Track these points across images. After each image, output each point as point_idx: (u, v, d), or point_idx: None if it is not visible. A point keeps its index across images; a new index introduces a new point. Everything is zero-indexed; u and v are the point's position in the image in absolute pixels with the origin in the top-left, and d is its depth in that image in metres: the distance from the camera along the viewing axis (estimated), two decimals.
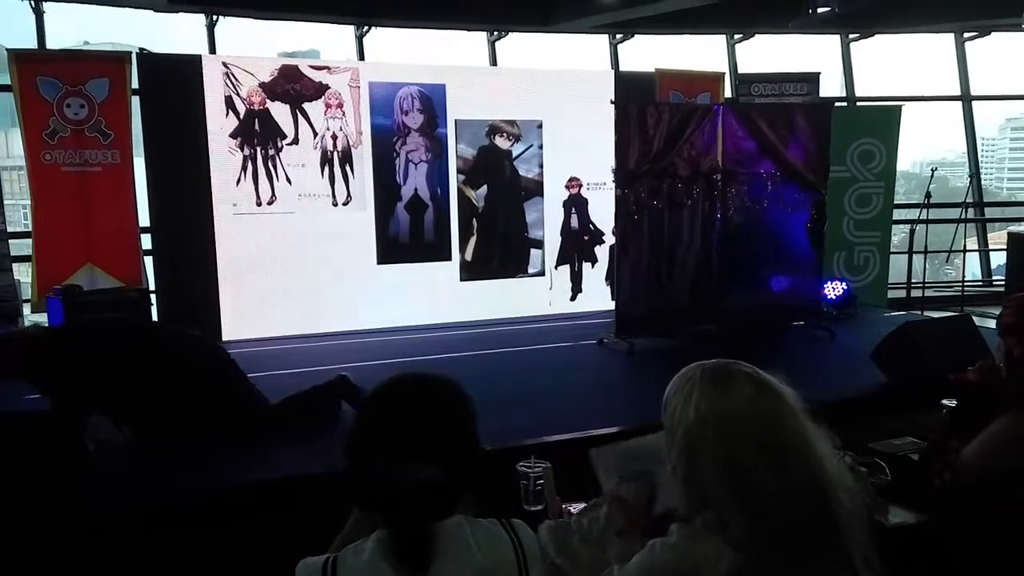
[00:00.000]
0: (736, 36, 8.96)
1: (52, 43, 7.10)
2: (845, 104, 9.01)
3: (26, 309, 6.39)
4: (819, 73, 8.23)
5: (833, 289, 6.94)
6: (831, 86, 9.27)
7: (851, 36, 9.11)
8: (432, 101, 7.29)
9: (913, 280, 8.32)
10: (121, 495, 3.23)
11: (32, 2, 6.93)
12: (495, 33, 8.40)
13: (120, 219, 6.38)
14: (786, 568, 1.22)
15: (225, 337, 6.46)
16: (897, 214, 8.45)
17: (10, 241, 6.28)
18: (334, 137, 7.00)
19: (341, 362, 5.64)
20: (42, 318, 6.19)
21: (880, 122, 7.98)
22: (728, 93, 8.34)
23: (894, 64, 11.37)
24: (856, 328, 6.39)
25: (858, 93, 9.27)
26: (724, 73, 8.47)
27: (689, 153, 6.00)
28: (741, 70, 8.84)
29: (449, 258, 7.40)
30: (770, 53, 10.00)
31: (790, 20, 7.78)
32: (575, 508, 1.98)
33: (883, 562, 1.40)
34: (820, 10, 7.11)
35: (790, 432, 1.28)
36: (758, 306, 6.15)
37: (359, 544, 1.29)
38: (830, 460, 1.29)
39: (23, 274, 6.48)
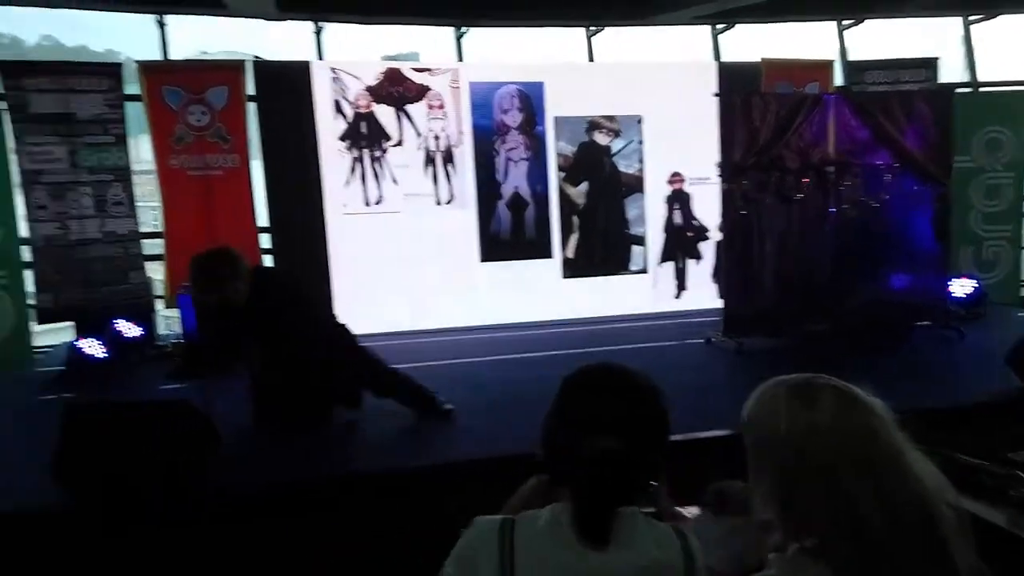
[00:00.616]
0: (846, 22, 8.56)
1: (173, 53, 7.50)
2: (968, 90, 8.48)
3: (159, 305, 6.82)
4: (937, 58, 7.80)
5: (961, 287, 6.50)
6: (949, 72, 8.75)
7: (973, 17, 8.56)
8: (531, 99, 7.34)
9: None
10: (246, 481, 3.40)
11: (156, 16, 7.35)
12: (592, 28, 8.34)
13: (240, 220, 6.71)
14: None
15: None
16: None
17: (141, 241, 6.68)
18: (436, 137, 7.15)
19: (445, 358, 5.77)
20: (173, 314, 6.60)
21: (1009, 108, 7.48)
22: (838, 81, 7.99)
23: (1021, 46, 10.56)
24: (987, 328, 6.02)
25: (981, 78, 8.70)
26: (833, 61, 8.13)
27: (798, 145, 5.79)
28: (851, 57, 8.45)
29: (550, 255, 7.43)
30: (882, 38, 9.49)
31: (907, 2, 7.38)
32: (687, 511, 1.95)
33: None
34: None
35: (884, 445, 1.23)
36: (877, 304, 5.86)
37: (534, 512, 1.37)
38: (926, 471, 1.23)
39: (156, 272, 6.92)
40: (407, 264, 7.02)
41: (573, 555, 1.30)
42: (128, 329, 6.03)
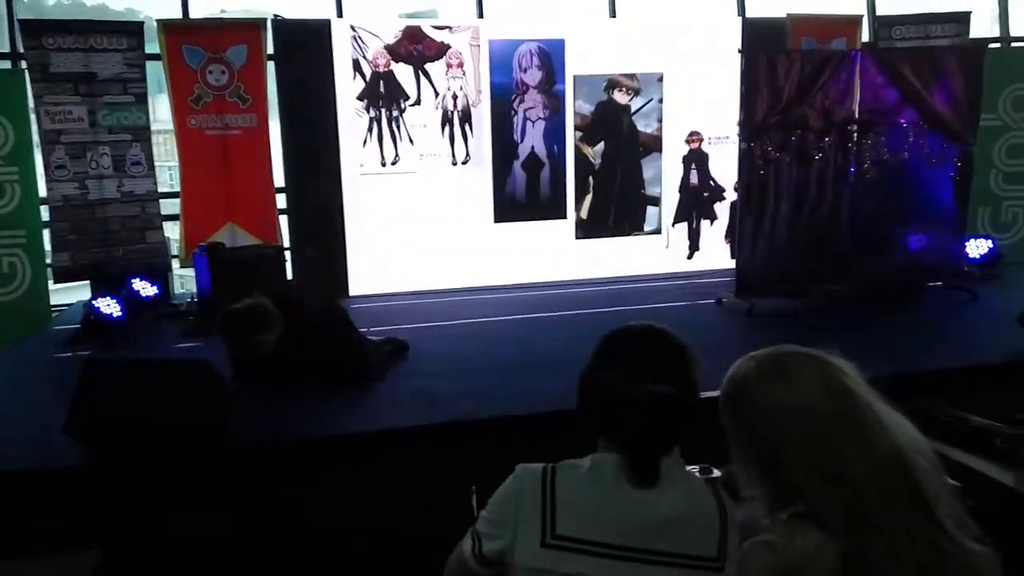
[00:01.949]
0: None
1: (193, 12, 7.46)
2: (999, 46, 8.22)
3: (175, 264, 6.92)
4: (970, 12, 7.55)
5: (976, 247, 6.43)
6: (981, 27, 8.48)
7: None
8: (551, 57, 7.23)
9: None
10: (259, 439, 3.44)
11: None
12: None
13: (258, 180, 6.73)
14: (889, 546, 1.19)
15: (351, 292, 6.79)
16: None
17: (159, 201, 6.73)
18: (455, 97, 7.09)
19: (458, 318, 5.82)
20: (189, 273, 6.69)
21: None
22: (866, 38, 7.79)
23: None
24: (1001, 289, 5.93)
25: (1014, 33, 8.42)
26: (862, 16, 7.91)
27: (822, 103, 5.66)
28: (880, 12, 8.21)
29: (565, 216, 7.40)
30: None
31: None
32: (691, 469, 1.99)
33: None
34: None
35: (863, 406, 1.25)
36: (893, 266, 5.79)
37: (574, 461, 1.44)
38: (898, 423, 1.26)
39: (171, 231, 6.99)
40: (422, 224, 7.03)
41: (614, 498, 1.36)
42: (144, 288, 6.10)
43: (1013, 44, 8.29)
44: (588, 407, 1.48)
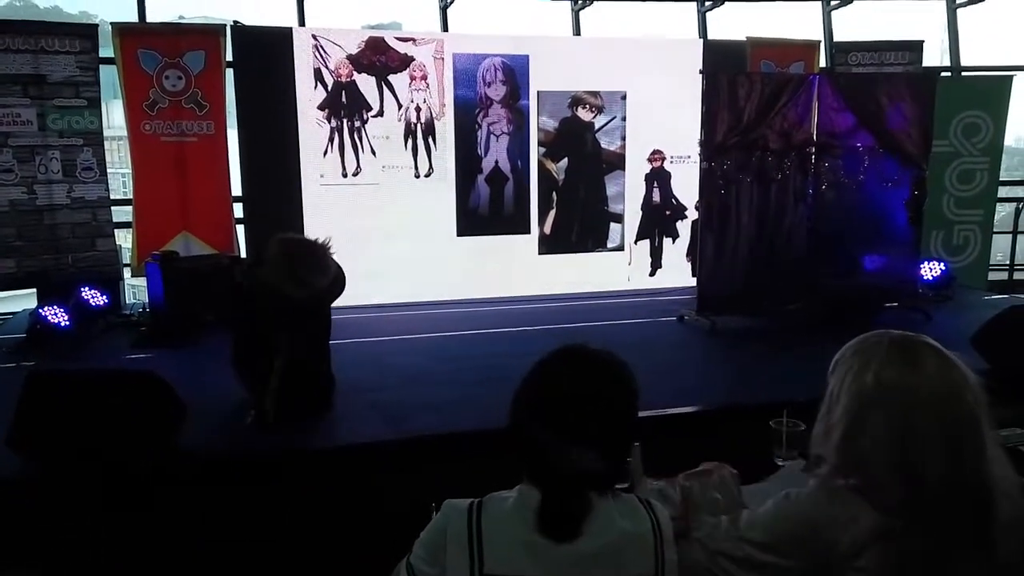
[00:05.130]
0: (833, 2, 8.52)
1: (150, 17, 7.31)
2: (949, 74, 8.50)
3: (126, 273, 6.71)
4: (923, 41, 7.79)
5: (930, 270, 6.61)
6: (932, 56, 8.76)
7: (959, 1, 8.55)
8: (515, 72, 7.24)
9: (1017, 261, 7.85)
10: (213, 450, 3.37)
11: None
12: (579, 2, 8.23)
13: (214, 188, 6.58)
14: (934, 555, 1.18)
15: None
16: (1002, 192, 7.97)
17: (111, 208, 6.53)
18: (418, 109, 7.05)
19: (419, 332, 5.75)
20: (141, 282, 6.49)
21: (988, 94, 7.50)
22: (823, 63, 7.98)
23: (1005, 32, 10.58)
24: (954, 311, 6.08)
25: (963, 63, 8.72)
26: (819, 41, 8.10)
27: (781, 125, 5.78)
28: (837, 38, 8.42)
29: (528, 231, 7.39)
30: (868, 21, 9.47)
31: None
32: (653, 484, 1.98)
33: None
34: None
35: (967, 413, 1.23)
36: (850, 286, 5.90)
37: (503, 494, 1.37)
38: (997, 455, 1.24)
39: (123, 239, 6.79)
40: (383, 237, 6.94)
41: (540, 536, 1.31)
42: (93, 297, 5.91)
43: (963, 73, 8.57)
44: (514, 439, 1.40)
